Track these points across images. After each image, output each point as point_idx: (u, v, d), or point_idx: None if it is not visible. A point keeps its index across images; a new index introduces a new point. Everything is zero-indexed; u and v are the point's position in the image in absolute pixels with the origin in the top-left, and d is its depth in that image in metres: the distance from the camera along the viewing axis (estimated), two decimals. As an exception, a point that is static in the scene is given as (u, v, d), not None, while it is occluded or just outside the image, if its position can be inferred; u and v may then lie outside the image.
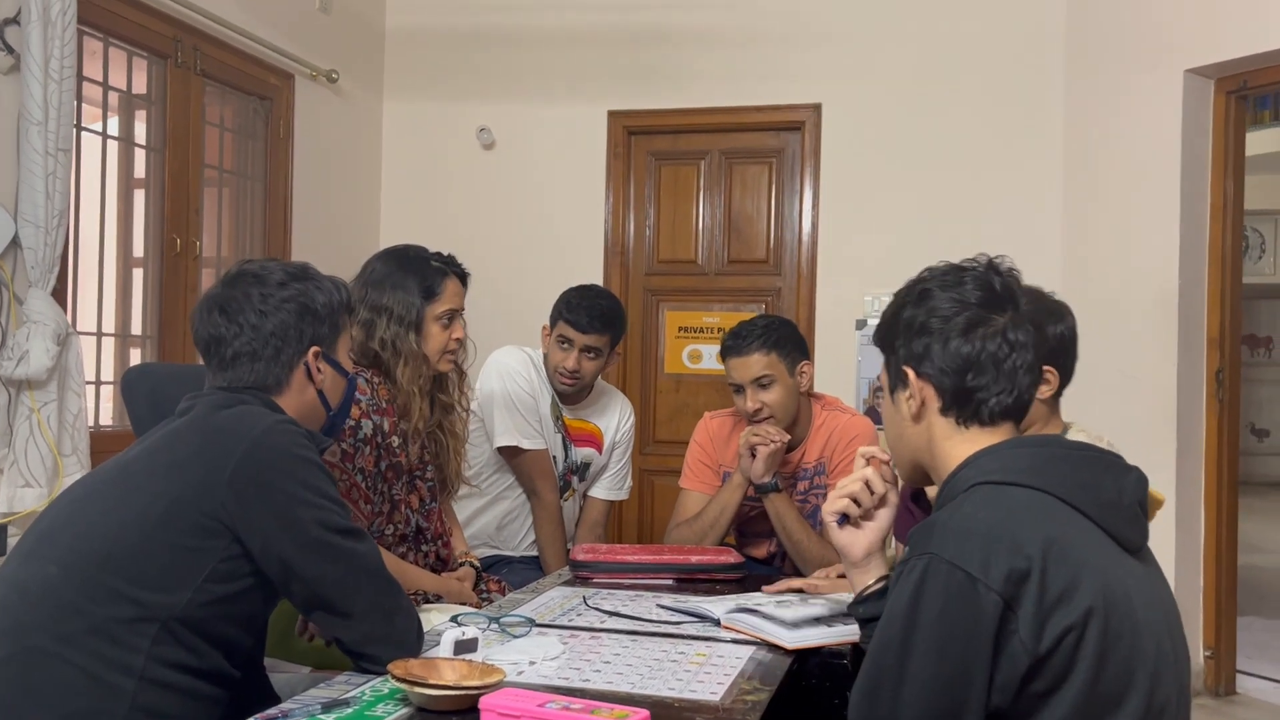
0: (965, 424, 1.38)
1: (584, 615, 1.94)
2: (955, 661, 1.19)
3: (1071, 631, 1.18)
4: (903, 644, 1.22)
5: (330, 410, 1.69)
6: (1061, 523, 1.24)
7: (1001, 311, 1.37)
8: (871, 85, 4.48)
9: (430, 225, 4.57)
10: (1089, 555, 1.23)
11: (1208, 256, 3.97)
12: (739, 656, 1.69)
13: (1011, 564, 1.18)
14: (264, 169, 4.21)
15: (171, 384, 2.06)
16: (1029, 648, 1.18)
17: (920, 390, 1.40)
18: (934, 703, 1.21)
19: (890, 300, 1.48)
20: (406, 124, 4.92)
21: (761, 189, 4.65)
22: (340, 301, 1.68)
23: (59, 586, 1.41)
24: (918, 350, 1.39)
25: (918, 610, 1.22)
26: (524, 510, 2.88)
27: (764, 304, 4.63)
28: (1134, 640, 1.21)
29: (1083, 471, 1.30)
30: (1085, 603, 1.19)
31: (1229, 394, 3.95)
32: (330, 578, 1.49)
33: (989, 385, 1.36)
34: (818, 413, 2.65)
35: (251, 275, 1.62)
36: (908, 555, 1.27)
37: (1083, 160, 4.23)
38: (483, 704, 1.35)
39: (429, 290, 2.21)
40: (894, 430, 1.48)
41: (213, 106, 3.93)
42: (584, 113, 4.74)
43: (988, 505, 1.26)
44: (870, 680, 1.27)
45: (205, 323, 1.60)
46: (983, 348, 1.35)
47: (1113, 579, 1.23)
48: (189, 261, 3.74)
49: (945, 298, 1.38)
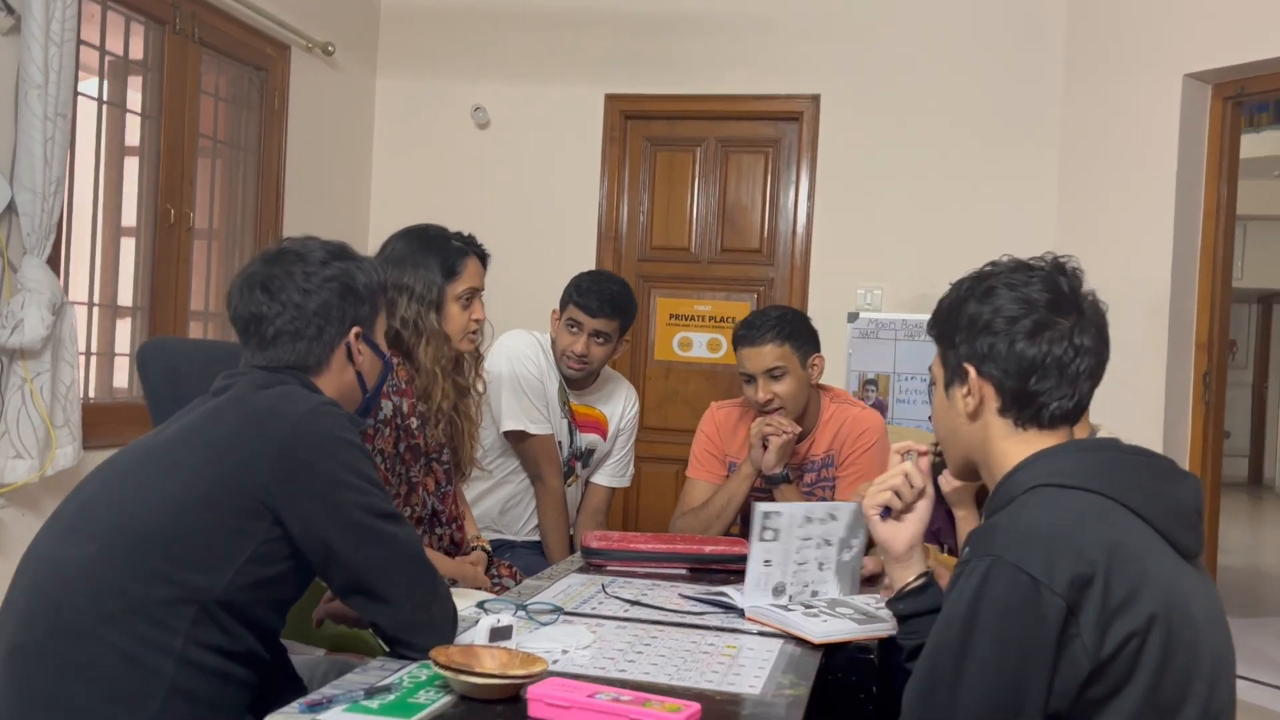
0: (1024, 426, 1.37)
1: (606, 604, 1.93)
2: (1015, 665, 1.19)
3: (1134, 638, 1.18)
4: (962, 646, 1.22)
5: (366, 392, 1.67)
6: (1124, 528, 1.24)
7: (1067, 315, 1.36)
8: (870, 79, 4.49)
9: (422, 203, 4.50)
10: (1151, 562, 1.23)
11: (1199, 261, 4.02)
12: (769, 649, 1.69)
13: (1076, 569, 1.18)
14: (257, 140, 4.14)
15: (189, 359, 2.03)
16: (1090, 653, 1.18)
17: (980, 389, 1.39)
18: (991, 705, 1.20)
19: (948, 291, 1.46)
20: (401, 100, 4.86)
21: (757, 178, 4.65)
22: (379, 282, 1.66)
23: (98, 565, 1.38)
24: (981, 349, 1.37)
25: (978, 612, 1.21)
26: (527, 495, 2.86)
27: (756, 294, 4.63)
28: (1193, 648, 1.22)
29: (1144, 476, 1.30)
30: (1148, 609, 1.19)
31: (1215, 397, 4.01)
32: (371, 562, 1.46)
33: (1051, 389, 1.35)
34: (826, 405, 2.65)
35: (294, 254, 1.59)
36: (967, 556, 1.27)
37: (1079, 160, 4.26)
38: (530, 694, 1.33)
39: (450, 269, 2.19)
40: (946, 425, 1.47)
41: (208, 75, 3.87)
42: (581, 95, 4.71)
43: (1051, 509, 1.25)
44: (926, 681, 1.26)
45: (246, 300, 1.57)
46: (1048, 351, 1.34)
47: (1173, 586, 1.23)
48: (182, 233, 3.68)
49: (1011, 297, 1.36)
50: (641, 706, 1.30)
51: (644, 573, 2.21)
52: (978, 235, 4.30)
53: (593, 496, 3.00)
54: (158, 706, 1.34)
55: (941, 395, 1.47)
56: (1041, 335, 1.34)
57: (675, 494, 4.62)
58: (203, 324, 3.95)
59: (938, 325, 1.46)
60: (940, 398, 1.47)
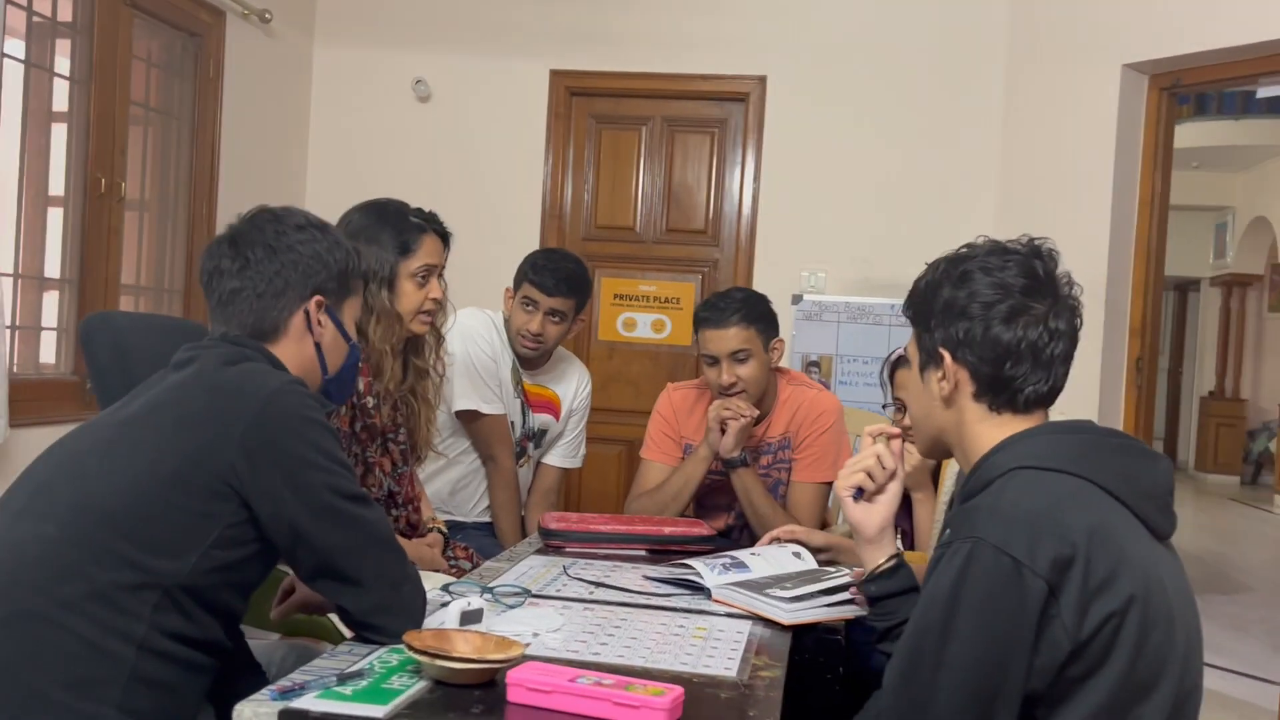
0: (999, 410, 1.38)
1: (570, 586, 1.91)
2: (997, 646, 1.20)
3: (1113, 618, 1.19)
4: (944, 627, 1.22)
5: (326, 372, 1.61)
6: (1102, 510, 1.25)
7: (1043, 299, 1.36)
8: (816, 62, 4.49)
9: (360, 177, 4.42)
10: (1128, 543, 1.24)
11: (1134, 249, 4.11)
12: (739, 631, 1.68)
13: (1057, 550, 1.19)
14: (192, 109, 4.00)
15: (137, 334, 1.95)
16: (1071, 633, 1.19)
17: (955, 374, 1.39)
18: (972, 686, 1.21)
19: (924, 272, 1.44)
20: (339, 71, 4.74)
21: (703, 159, 4.63)
22: (355, 266, 1.61)
23: (59, 548, 1.31)
24: (956, 334, 1.37)
25: (961, 594, 1.21)
26: (478, 476, 2.82)
27: (701, 275, 4.62)
28: (1168, 628, 1.24)
29: (1119, 459, 1.31)
30: (1127, 590, 1.20)
31: (1147, 381, 4.11)
32: (340, 545, 1.42)
33: (1027, 374, 1.35)
34: (783, 387, 2.65)
35: (270, 214, 1.55)
36: (949, 538, 1.27)
37: (1020, 147, 4.32)
38: (510, 678, 1.31)
39: (405, 245, 2.13)
40: (920, 406, 1.47)
41: (140, 40, 3.72)
42: (526, 70, 4.64)
43: (1031, 491, 1.26)
44: (908, 662, 1.27)
45: (212, 254, 1.52)
46: (1023, 336, 1.34)
47: (1150, 566, 1.24)
48: (113, 203, 3.54)
49: (988, 282, 1.36)
50: (625, 690, 1.28)
51: (604, 554, 2.19)
52: (920, 220, 4.34)
53: (544, 478, 2.97)
54: (119, 694, 1.29)
55: (916, 377, 1.47)
56: (1017, 320, 1.34)
57: (619, 475, 4.62)
58: (134, 298, 3.81)
59: (913, 307, 1.45)
60: (915, 379, 1.48)
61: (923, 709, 1.23)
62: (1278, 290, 11.24)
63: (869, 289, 4.42)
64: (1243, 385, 11.46)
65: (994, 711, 1.20)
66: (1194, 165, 9.93)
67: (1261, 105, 9.03)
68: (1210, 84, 4.06)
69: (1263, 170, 10.19)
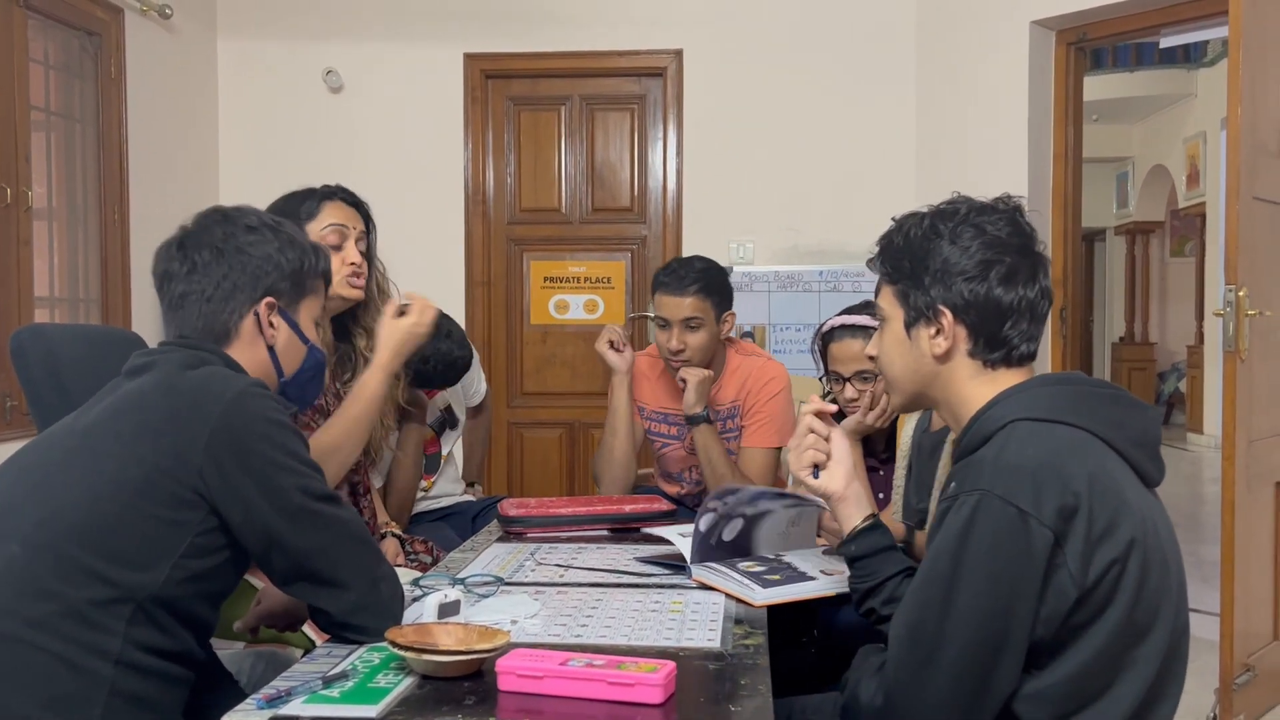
0: (993, 366, 1.39)
1: (539, 570, 1.89)
2: (1004, 596, 1.22)
3: (1115, 564, 1.22)
4: (952, 578, 1.24)
5: (282, 375, 1.57)
6: (1100, 458, 1.28)
7: (1032, 257, 1.37)
8: (731, 33, 4.50)
9: (274, 172, 4.25)
10: (1126, 490, 1.27)
11: (1051, 201, 4.21)
12: (715, 602, 1.68)
13: (1062, 500, 1.21)
14: (95, 111, 3.86)
15: (68, 345, 1.88)
16: (1076, 581, 1.21)
17: (954, 332, 1.39)
18: (979, 636, 1.23)
19: (904, 227, 1.42)
20: (246, 65, 4.61)
21: (624, 136, 4.61)
22: (311, 265, 1.56)
23: (25, 566, 1.27)
24: (958, 294, 1.36)
25: (967, 545, 1.23)
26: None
27: (630, 252, 4.62)
28: (1163, 572, 1.27)
29: (1111, 408, 1.34)
30: (1127, 535, 1.23)
31: (1071, 331, 4.22)
32: (315, 547, 1.39)
33: (1023, 332, 1.37)
34: (731, 356, 2.67)
35: (220, 214, 1.51)
36: (954, 491, 1.28)
37: (935, 107, 4.39)
38: (500, 667, 1.29)
39: (308, 213, 2.10)
40: (901, 361, 1.45)
41: (35, 41, 3.57)
42: (439, 55, 4.57)
43: (1033, 443, 1.28)
44: (915, 614, 1.28)
45: (161, 258, 1.48)
46: (1023, 295, 1.35)
47: (1145, 513, 1.28)
48: (20, 213, 3.40)
49: (984, 240, 1.35)
50: (617, 670, 1.27)
51: (566, 537, 2.18)
52: (841, 185, 4.39)
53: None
54: (100, 712, 1.25)
55: (900, 333, 1.44)
56: (1016, 279, 1.35)
57: (559, 458, 4.61)
58: (49, 310, 3.68)
59: (893, 263, 1.43)
60: (898, 335, 1.45)
61: (931, 659, 1.25)
62: (1178, 235, 11.63)
63: (797, 257, 4.46)
64: (1150, 329, 11.84)
65: (1000, 660, 1.22)
66: (1094, 119, 10.18)
67: (1155, 57, 9.30)
68: (1115, 36, 4.15)
69: (1159, 120, 10.50)
